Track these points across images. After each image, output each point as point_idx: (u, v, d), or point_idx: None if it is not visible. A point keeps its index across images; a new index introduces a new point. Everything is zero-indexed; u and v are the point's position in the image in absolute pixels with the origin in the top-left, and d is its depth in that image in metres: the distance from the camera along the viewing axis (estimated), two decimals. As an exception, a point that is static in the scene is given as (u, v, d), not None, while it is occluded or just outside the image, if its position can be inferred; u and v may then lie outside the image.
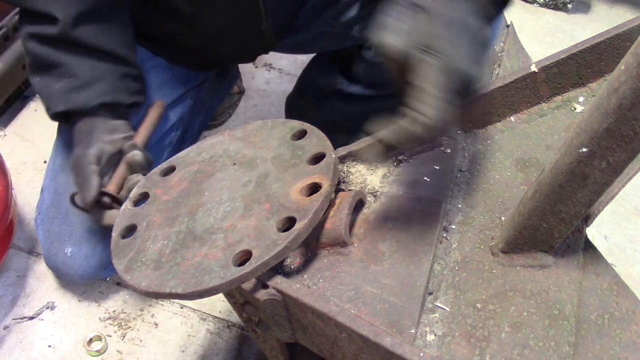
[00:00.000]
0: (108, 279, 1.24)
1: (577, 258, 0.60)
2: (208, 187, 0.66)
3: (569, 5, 2.00)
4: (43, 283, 1.24)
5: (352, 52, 1.22)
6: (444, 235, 0.63)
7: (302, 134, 0.68)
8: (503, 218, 0.65)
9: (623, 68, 0.41)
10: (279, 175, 0.63)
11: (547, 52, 0.88)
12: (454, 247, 0.63)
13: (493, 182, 0.68)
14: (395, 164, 0.70)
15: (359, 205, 0.66)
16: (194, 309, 1.22)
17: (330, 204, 0.61)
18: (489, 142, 0.73)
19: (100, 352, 1.14)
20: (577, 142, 0.47)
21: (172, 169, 0.71)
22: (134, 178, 0.93)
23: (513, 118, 0.75)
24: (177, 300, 1.22)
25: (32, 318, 1.19)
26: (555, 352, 0.53)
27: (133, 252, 0.61)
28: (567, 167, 0.48)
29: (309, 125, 0.69)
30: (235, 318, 1.20)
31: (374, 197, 0.67)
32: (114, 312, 1.20)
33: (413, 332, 0.53)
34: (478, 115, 0.73)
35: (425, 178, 0.68)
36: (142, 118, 1.07)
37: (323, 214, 0.59)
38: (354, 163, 0.70)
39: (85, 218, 1.06)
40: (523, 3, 2.08)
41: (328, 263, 0.60)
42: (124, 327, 1.18)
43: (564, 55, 0.72)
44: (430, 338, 0.55)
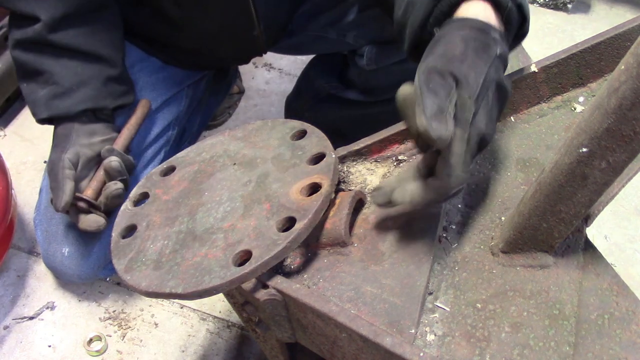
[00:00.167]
0: (108, 279, 1.24)
1: (577, 258, 0.60)
2: (208, 187, 0.66)
3: (569, 5, 2.00)
4: (43, 283, 1.24)
5: (346, 56, 1.22)
6: (444, 235, 0.63)
7: (302, 134, 0.68)
8: (503, 218, 0.65)
9: (623, 68, 0.41)
10: (279, 175, 0.63)
11: (547, 52, 0.88)
12: (454, 247, 0.63)
13: (493, 182, 0.68)
14: (396, 164, 0.70)
15: (359, 205, 0.66)
16: (194, 309, 1.22)
17: (330, 204, 0.61)
18: (489, 142, 0.73)
19: (100, 352, 1.14)
20: (577, 142, 0.47)
21: (172, 169, 0.71)
22: (112, 186, 0.94)
23: (513, 118, 0.75)
24: (177, 300, 1.22)
25: (32, 318, 1.19)
26: (555, 352, 0.53)
27: (133, 252, 0.61)
28: (567, 167, 0.48)
29: (309, 125, 0.68)
30: (235, 318, 1.20)
31: (374, 197, 0.67)
32: (114, 312, 1.20)
33: (413, 332, 0.53)
34: None
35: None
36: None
37: (323, 214, 0.59)
38: (354, 163, 0.70)
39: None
40: (523, 3, 2.08)
41: (328, 263, 0.60)
42: (124, 327, 1.18)
43: (564, 55, 0.72)
44: (430, 338, 0.55)
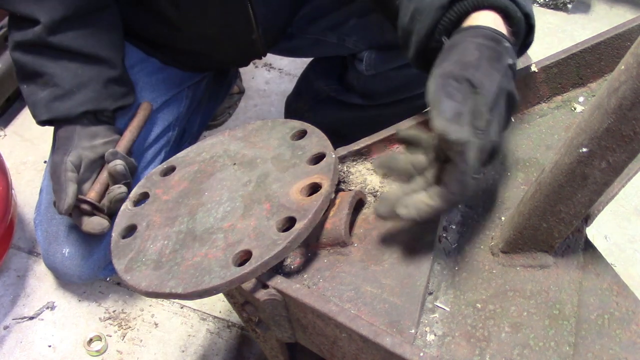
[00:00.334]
0: (108, 279, 1.24)
1: (577, 258, 0.60)
2: (208, 187, 0.66)
3: (569, 5, 2.00)
4: (43, 283, 1.24)
5: (346, 59, 1.22)
6: (444, 235, 0.63)
7: (302, 134, 0.68)
8: (503, 218, 0.65)
9: (623, 68, 0.41)
10: (279, 175, 0.63)
11: (547, 52, 0.88)
12: (454, 247, 0.63)
13: (493, 182, 0.68)
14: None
15: (359, 205, 0.66)
16: (194, 309, 1.21)
17: (330, 204, 0.61)
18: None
19: (100, 352, 1.14)
20: (577, 142, 0.47)
21: (172, 169, 0.71)
22: (116, 190, 0.94)
23: (513, 118, 0.75)
24: (177, 300, 1.22)
25: (32, 318, 1.19)
26: (555, 352, 0.53)
27: (133, 252, 0.61)
28: (567, 167, 0.48)
29: (309, 125, 0.68)
30: (235, 318, 1.20)
31: (374, 197, 0.67)
32: (114, 312, 1.20)
33: (413, 332, 0.53)
34: None
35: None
36: (131, 118, 1.06)
37: (323, 214, 0.59)
38: (354, 163, 0.70)
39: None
40: (523, 3, 2.08)
41: (328, 263, 0.60)
42: (124, 327, 1.18)
43: (564, 55, 0.72)
44: (430, 338, 0.55)
